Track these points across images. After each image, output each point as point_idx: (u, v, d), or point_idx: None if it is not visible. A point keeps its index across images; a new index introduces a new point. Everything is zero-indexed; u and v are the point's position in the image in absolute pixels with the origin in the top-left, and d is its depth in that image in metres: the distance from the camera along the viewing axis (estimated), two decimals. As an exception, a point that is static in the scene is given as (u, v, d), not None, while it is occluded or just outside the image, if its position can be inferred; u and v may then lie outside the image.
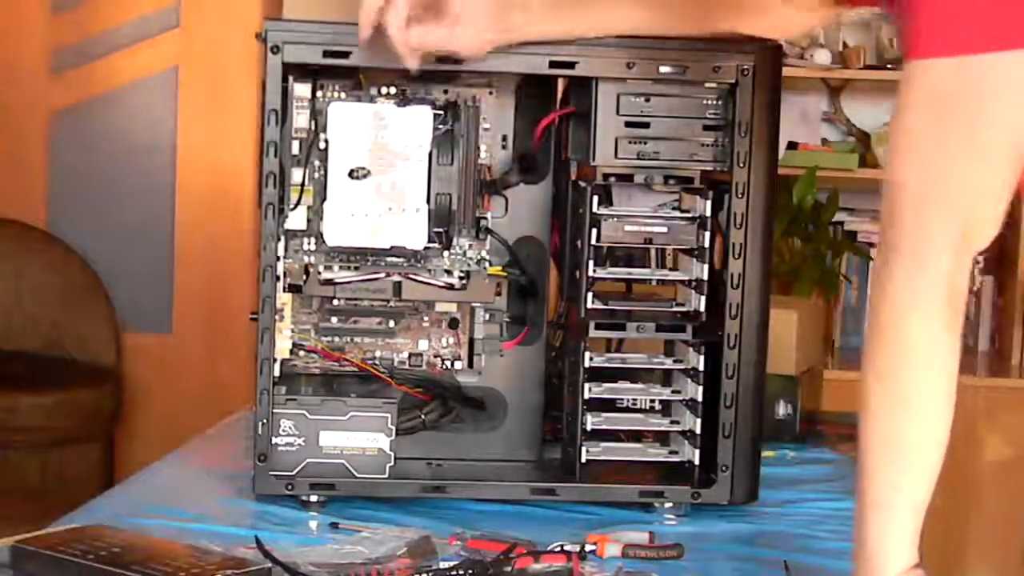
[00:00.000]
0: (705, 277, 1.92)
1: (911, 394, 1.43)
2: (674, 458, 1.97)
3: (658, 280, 2.00)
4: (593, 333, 1.93)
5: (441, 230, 1.94)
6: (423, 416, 1.98)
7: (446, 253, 1.97)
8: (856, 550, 1.47)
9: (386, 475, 1.90)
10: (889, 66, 3.90)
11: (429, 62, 1.82)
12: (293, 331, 1.98)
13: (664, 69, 1.87)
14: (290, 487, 1.87)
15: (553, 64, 1.87)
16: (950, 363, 1.43)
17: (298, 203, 1.90)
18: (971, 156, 1.41)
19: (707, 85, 1.90)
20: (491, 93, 1.97)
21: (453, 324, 2.02)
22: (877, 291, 1.44)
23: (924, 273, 1.41)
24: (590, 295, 1.92)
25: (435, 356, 2.02)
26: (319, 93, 1.93)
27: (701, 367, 1.93)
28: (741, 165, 1.88)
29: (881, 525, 1.45)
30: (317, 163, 1.92)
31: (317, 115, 1.91)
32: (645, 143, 1.90)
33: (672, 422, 1.98)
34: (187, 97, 4.67)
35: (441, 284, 1.97)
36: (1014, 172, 1.43)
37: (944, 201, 1.41)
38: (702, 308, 1.93)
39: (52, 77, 4.72)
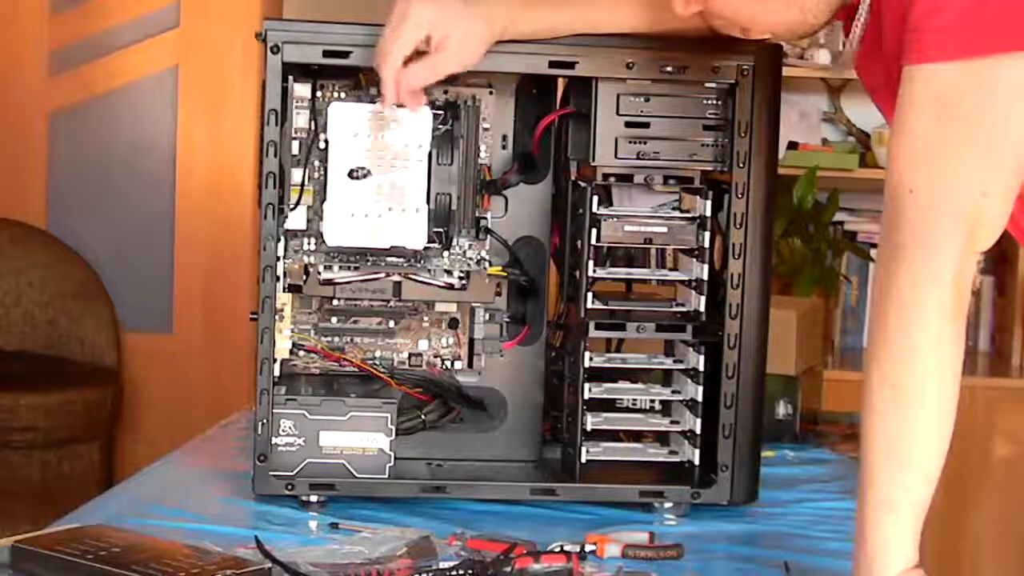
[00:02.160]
0: (705, 277, 1.92)
1: (916, 394, 1.43)
2: (674, 458, 1.97)
3: (658, 280, 2.00)
4: (593, 333, 1.93)
5: (441, 230, 1.94)
6: (423, 416, 1.98)
7: (446, 253, 1.97)
8: (857, 548, 1.47)
9: (386, 475, 1.90)
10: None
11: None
12: (293, 331, 1.98)
13: (664, 69, 1.87)
14: (290, 487, 1.87)
15: (553, 64, 1.87)
16: (954, 363, 1.43)
17: (298, 203, 1.90)
18: (978, 156, 1.41)
19: (707, 85, 1.90)
20: (491, 93, 1.97)
21: (453, 324, 2.02)
22: (881, 292, 1.44)
23: (930, 274, 1.41)
24: (590, 295, 1.92)
25: (435, 356, 2.02)
26: (319, 93, 1.93)
27: (701, 367, 1.93)
28: (741, 165, 1.88)
29: (883, 524, 1.45)
30: (317, 163, 1.92)
31: (317, 115, 1.91)
32: (645, 143, 1.90)
33: (672, 422, 1.98)
34: (187, 97, 4.66)
35: (441, 284, 1.97)
36: (1020, 171, 1.43)
37: (951, 201, 1.41)
38: (702, 308, 1.93)
39: (52, 77, 4.71)
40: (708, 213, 1.91)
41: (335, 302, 1.98)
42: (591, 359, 1.93)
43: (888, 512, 1.45)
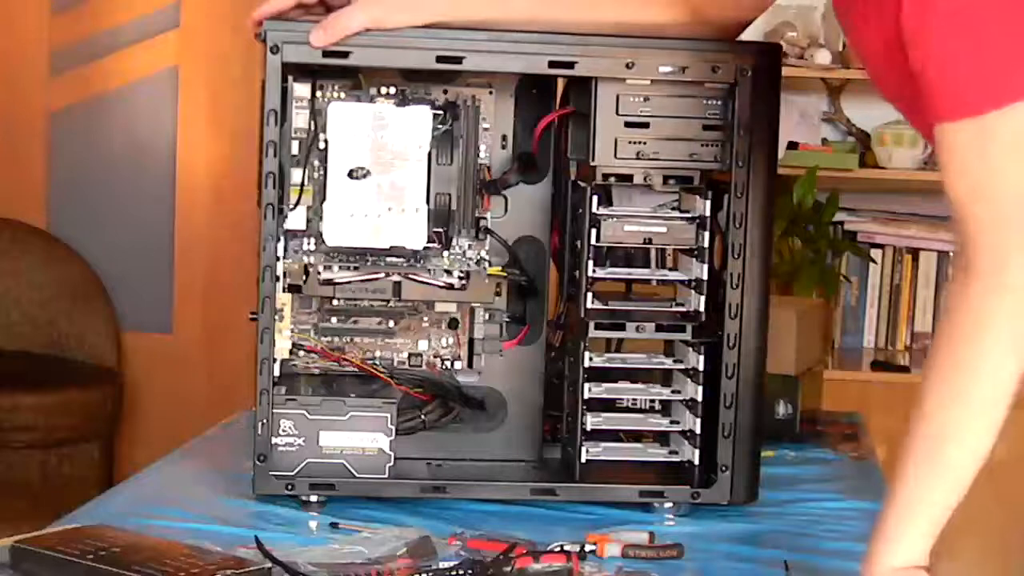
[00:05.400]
0: (705, 277, 1.92)
1: (970, 407, 1.45)
2: (674, 458, 1.97)
3: (658, 280, 1.99)
4: (593, 333, 1.93)
5: (441, 230, 1.94)
6: (423, 416, 1.98)
7: (446, 253, 1.97)
8: (872, 538, 1.48)
9: (386, 475, 1.90)
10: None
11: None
12: (293, 331, 1.98)
13: (664, 69, 1.87)
14: (290, 487, 1.87)
15: (553, 64, 1.87)
16: (1011, 379, 1.44)
17: (298, 203, 1.90)
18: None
19: (707, 85, 1.90)
20: (491, 93, 1.97)
21: (453, 324, 2.02)
22: (952, 304, 1.46)
23: (1000, 282, 1.43)
24: (590, 295, 1.92)
25: (435, 356, 2.02)
26: (319, 93, 1.93)
27: (701, 367, 1.93)
28: (741, 165, 1.88)
29: (905, 521, 1.46)
30: (317, 163, 1.92)
31: (317, 115, 1.91)
32: (645, 143, 1.90)
33: (672, 422, 1.98)
34: (187, 97, 4.67)
35: (441, 284, 1.97)
36: None
37: (1016, 221, 1.43)
38: (702, 308, 1.93)
39: (52, 77, 4.72)
40: (708, 213, 1.91)
41: (335, 302, 1.98)
42: (591, 359, 1.93)
43: (912, 511, 1.46)
